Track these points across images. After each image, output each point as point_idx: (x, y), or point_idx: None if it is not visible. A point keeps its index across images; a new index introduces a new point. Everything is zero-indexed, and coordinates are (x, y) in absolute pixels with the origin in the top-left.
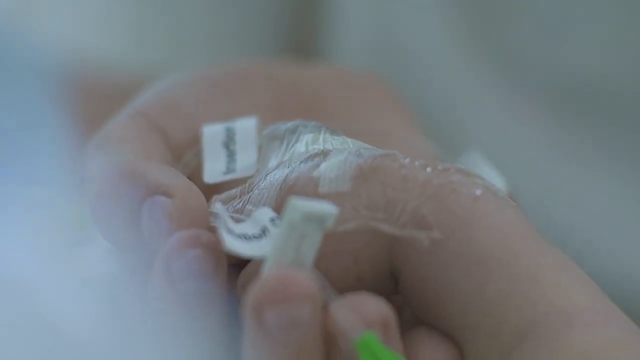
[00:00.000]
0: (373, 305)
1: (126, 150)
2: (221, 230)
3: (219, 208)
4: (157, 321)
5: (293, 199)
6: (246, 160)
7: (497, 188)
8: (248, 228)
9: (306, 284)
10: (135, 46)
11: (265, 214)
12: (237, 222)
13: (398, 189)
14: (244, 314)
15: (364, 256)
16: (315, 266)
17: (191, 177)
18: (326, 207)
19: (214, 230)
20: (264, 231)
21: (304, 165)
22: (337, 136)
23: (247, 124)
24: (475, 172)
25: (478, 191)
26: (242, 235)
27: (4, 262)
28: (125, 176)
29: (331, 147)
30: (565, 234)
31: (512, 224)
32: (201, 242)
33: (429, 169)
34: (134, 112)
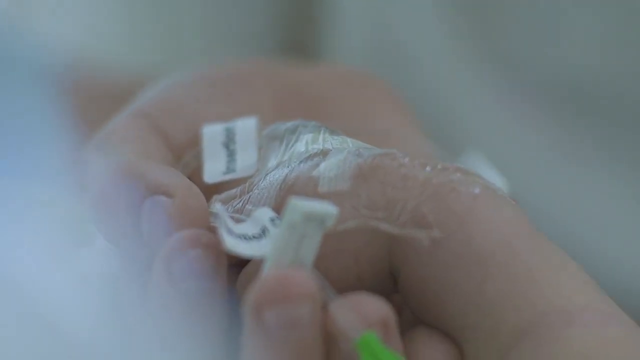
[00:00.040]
0: (373, 305)
1: (127, 151)
2: (221, 230)
3: (218, 208)
4: (158, 321)
5: (293, 199)
6: (246, 160)
7: (497, 187)
8: (248, 228)
9: (306, 283)
10: (135, 46)
11: (265, 214)
12: (237, 222)
13: (398, 188)
14: (244, 314)
15: (364, 256)
16: (314, 266)
17: (191, 178)
18: (326, 207)
19: (214, 230)
20: (263, 231)
21: (304, 165)
22: (337, 136)
23: (247, 124)
24: (475, 171)
25: (477, 190)
26: (242, 236)
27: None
28: (125, 176)
29: (331, 147)
30: (565, 234)
31: (512, 223)
32: (202, 242)
33: (428, 168)
34: (134, 113)
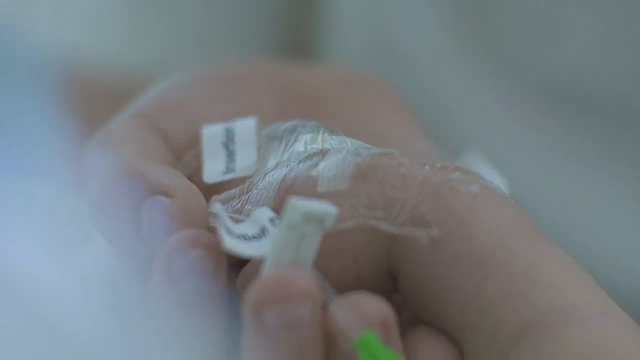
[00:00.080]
0: (372, 304)
1: (127, 150)
2: (221, 230)
3: (218, 208)
4: (158, 320)
5: (292, 199)
6: (245, 160)
7: (496, 186)
8: (247, 228)
9: (306, 283)
10: (134, 45)
11: (264, 214)
12: (237, 223)
13: (397, 187)
14: (244, 314)
15: (363, 255)
16: (314, 266)
17: (191, 178)
18: (326, 207)
19: (213, 231)
20: (263, 231)
21: (303, 165)
22: (336, 136)
23: (247, 124)
24: (474, 171)
25: (477, 189)
26: (242, 236)
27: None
28: (125, 176)
29: (330, 147)
30: (565, 234)
31: (511, 222)
32: (201, 242)
33: (427, 167)
34: (135, 113)
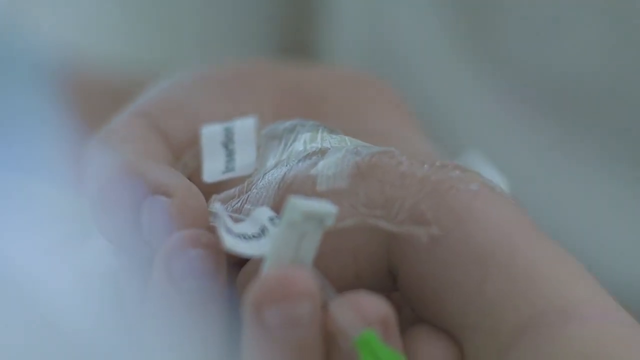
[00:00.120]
0: (372, 303)
1: (127, 150)
2: (220, 229)
3: (218, 208)
4: (158, 320)
5: (292, 198)
6: (245, 159)
7: (496, 184)
8: (247, 228)
9: (306, 282)
10: (134, 45)
11: (264, 213)
12: (237, 222)
13: (396, 186)
14: (244, 313)
15: (363, 254)
16: (314, 264)
17: (191, 177)
18: (326, 206)
19: (213, 230)
20: (263, 230)
21: (302, 164)
22: (335, 135)
23: (246, 124)
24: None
25: (476, 187)
26: (242, 235)
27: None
28: (125, 175)
29: (329, 146)
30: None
31: (511, 221)
32: (201, 242)
33: (426, 166)
34: (135, 112)
